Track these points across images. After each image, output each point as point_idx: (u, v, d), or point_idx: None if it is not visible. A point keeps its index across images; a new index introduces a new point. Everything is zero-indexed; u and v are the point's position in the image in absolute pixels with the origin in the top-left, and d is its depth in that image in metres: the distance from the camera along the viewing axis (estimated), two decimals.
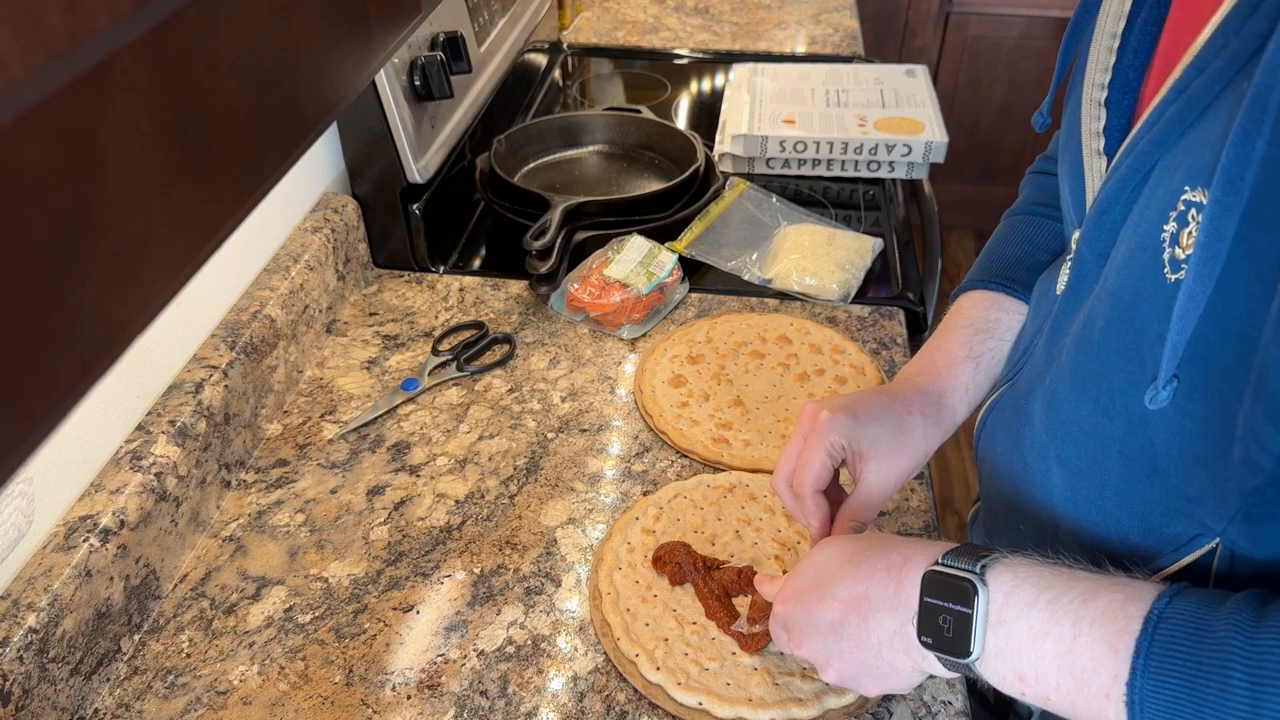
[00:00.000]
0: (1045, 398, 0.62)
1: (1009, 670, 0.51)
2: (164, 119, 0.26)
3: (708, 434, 0.93)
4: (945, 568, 0.53)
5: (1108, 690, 0.47)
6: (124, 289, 0.25)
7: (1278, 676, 0.42)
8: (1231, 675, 0.43)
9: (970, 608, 0.51)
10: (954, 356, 0.74)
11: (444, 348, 1.04)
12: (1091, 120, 0.60)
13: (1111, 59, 0.59)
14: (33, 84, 0.21)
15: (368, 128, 1.10)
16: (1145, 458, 0.54)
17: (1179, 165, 0.49)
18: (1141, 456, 0.54)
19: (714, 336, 1.05)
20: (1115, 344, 0.55)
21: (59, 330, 0.23)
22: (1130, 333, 0.53)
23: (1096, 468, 0.57)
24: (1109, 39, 0.59)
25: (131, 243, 0.25)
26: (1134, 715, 0.46)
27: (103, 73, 0.23)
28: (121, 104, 0.24)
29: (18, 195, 0.21)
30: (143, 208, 0.25)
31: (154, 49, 0.25)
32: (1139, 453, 0.54)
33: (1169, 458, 0.52)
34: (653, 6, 2.02)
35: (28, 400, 0.23)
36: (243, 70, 0.29)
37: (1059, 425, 0.60)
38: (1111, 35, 0.59)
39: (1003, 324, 0.75)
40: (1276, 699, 0.42)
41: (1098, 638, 0.47)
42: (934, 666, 0.55)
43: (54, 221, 0.22)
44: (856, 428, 0.68)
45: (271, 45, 0.31)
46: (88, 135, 0.23)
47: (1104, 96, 0.59)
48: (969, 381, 0.73)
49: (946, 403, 0.72)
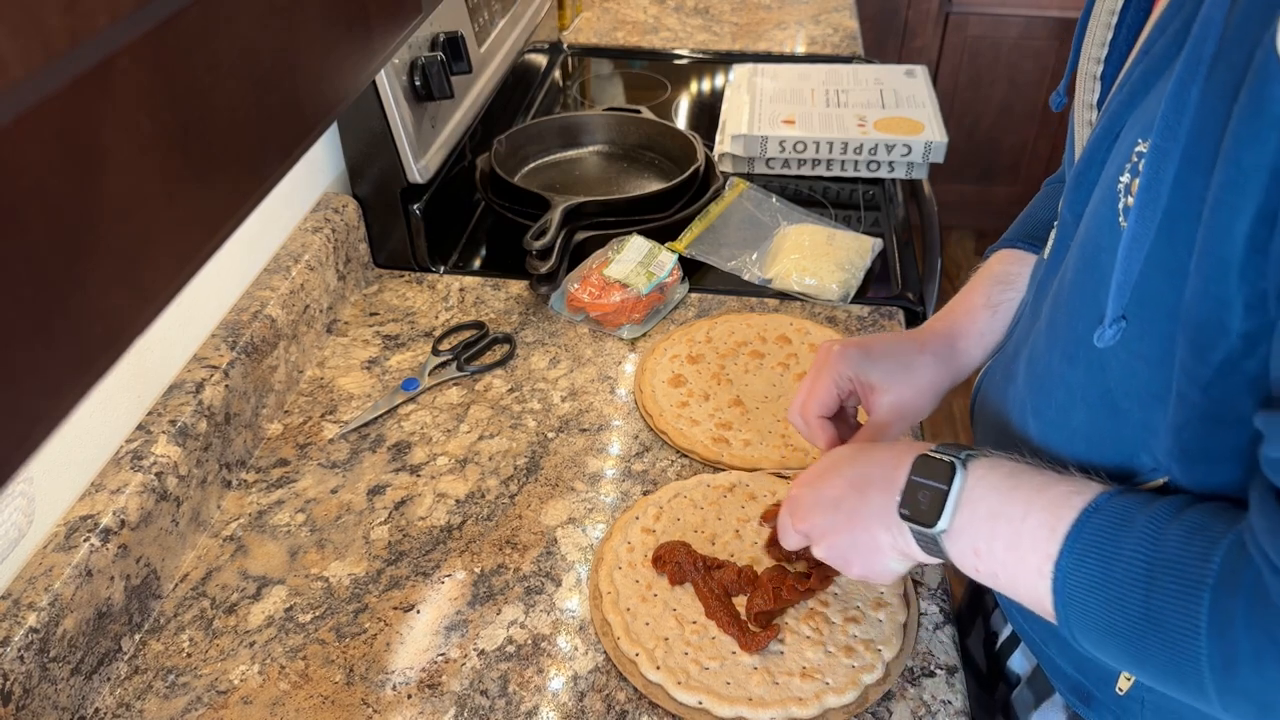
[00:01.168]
0: (1027, 355, 0.65)
1: (967, 545, 0.56)
2: (164, 119, 0.26)
3: (708, 434, 0.93)
4: (935, 453, 0.59)
5: (1040, 568, 0.52)
6: (124, 289, 0.25)
7: (1171, 561, 0.47)
8: (1136, 560, 0.48)
9: (947, 485, 0.57)
10: (972, 305, 0.78)
11: (444, 348, 1.04)
12: (1086, 93, 0.62)
13: (1109, 34, 0.61)
14: (33, 84, 0.21)
15: (368, 128, 1.10)
16: (1106, 402, 0.56)
17: (1138, 121, 0.51)
18: (1102, 402, 0.56)
19: (714, 336, 1.05)
20: (1079, 294, 0.57)
21: (59, 330, 0.23)
22: (1090, 282, 0.55)
23: (1065, 417, 0.60)
24: (1108, 15, 0.60)
25: (132, 242, 0.25)
26: (1056, 589, 0.51)
27: (103, 73, 0.23)
28: (122, 104, 0.24)
29: (18, 195, 0.21)
30: (143, 208, 0.25)
31: (154, 49, 0.25)
32: (1099, 398, 0.56)
33: (1127, 399, 0.54)
34: (653, 7, 2.02)
35: (28, 400, 0.23)
36: (243, 70, 0.29)
37: (1035, 379, 0.63)
38: (1110, 12, 0.60)
39: (1022, 276, 0.77)
40: (1167, 579, 0.47)
41: (1042, 522, 0.53)
42: (909, 545, 0.60)
43: (54, 221, 0.22)
44: (866, 361, 0.72)
45: (272, 45, 0.31)
46: (88, 135, 0.23)
47: (1100, 70, 0.61)
48: (984, 328, 0.76)
49: (960, 345, 0.76)
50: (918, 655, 0.74)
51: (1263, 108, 0.41)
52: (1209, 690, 0.46)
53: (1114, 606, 0.49)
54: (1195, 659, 0.46)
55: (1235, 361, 0.46)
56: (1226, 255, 0.44)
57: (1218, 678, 0.45)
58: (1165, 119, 0.45)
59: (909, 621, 0.75)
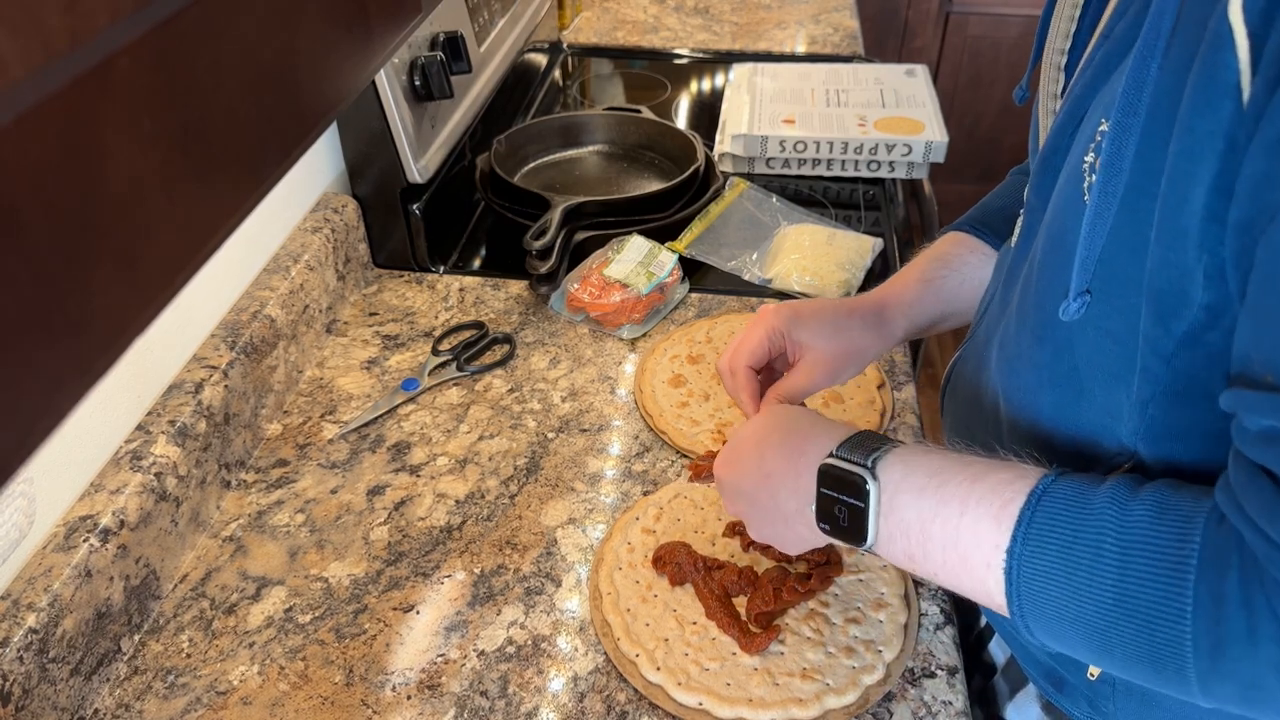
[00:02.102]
0: (999, 340, 0.65)
1: (900, 551, 0.55)
2: (164, 119, 0.26)
3: (708, 434, 0.93)
4: (839, 460, 0.57)
5: (989, 560, 0.50)
6: (124, 289, 0.25)
7: (1145, 543, 0.45)
8: (1104, 542, 0.46)
9: (863, 501, 0.55)
10: (907, 279, 0.81)
11: (444, 348, 1.04)
12: (1050, 83, 0.63)
13: (1073, 27, 0.61)
14: (33, 84, 0.21)
15: (368, 128, 1.10)
16: (1072, 382, 0.56)
17: (1101, 103, 0.52)
18: (1069, 381, 0.56)
19: (714, 336, 1.05)
20: (1048, 274, 0.57)
21: (59, 330, 0.23)
22: (1058, 261, 0.55)
23: (1033, 399, 0.59)
24: (1071, 8, 0.61)
25: (131, 242, 0.25)
26: (1010, 580, 0.49)
27: (103, 73, 0.23)
28: (122, 104, 0.24)
29: (18, 195, 0.21)
30: (143, 207, 0.25)
31: (154, 49, 0.25)
32: (1066, 378, 0.56)
33: (1092, 378, 0.54)
34: (653, 6, 2.02)
35: (28, 400, 0.23)
36: (243, 70, 0.29)
37: (1005, 362, 0.63)
38: (1074, 4, 0.61)
39: (960, 258, 0.80)
40: (1142, 563, 0.45)
41: (983, 514, 0.51)
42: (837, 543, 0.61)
43: (54, 221, 0.22)
44: (796, 320, 0.75)
45: (272, 45, 0.31)
46: (88, 135, 0.23)
47: (1064, 61, 0.62)
48: (914, 299, 0.79)
49: (887, 314, 0.78)
50: (918, 656, 0.74)
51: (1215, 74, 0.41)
52: (1190, 675, 0.44)
53: (1080, 595, 0.47)
54: (1178, 644, 0.44)
55: (1198, 334, 0.47)
56: (1185, 225, 0.44)
57: (1203, 662, 0.44)
58: (1126, 95, 0.46)
59: (909, 622, 0.75)
